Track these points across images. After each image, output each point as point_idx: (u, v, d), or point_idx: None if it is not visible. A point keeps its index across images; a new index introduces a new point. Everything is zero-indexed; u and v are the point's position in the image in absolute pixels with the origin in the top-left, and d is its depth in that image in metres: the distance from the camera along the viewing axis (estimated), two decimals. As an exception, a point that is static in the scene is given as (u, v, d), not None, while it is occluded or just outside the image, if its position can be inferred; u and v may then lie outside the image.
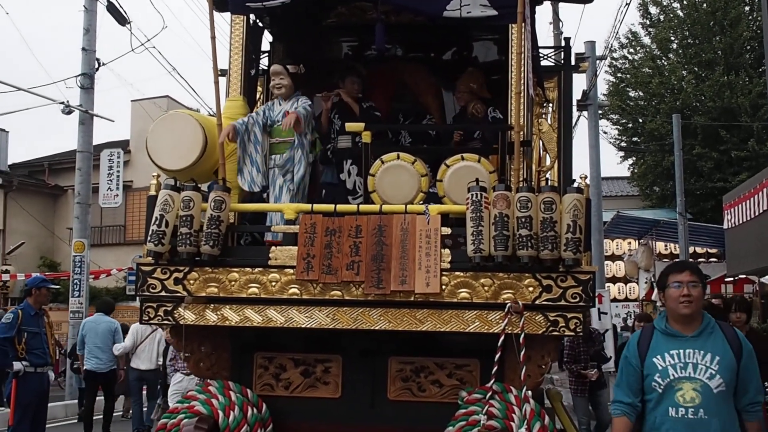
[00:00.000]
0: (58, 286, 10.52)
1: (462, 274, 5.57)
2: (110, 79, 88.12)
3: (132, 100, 32.20)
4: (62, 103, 18.48)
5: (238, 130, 6.47)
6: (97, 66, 18.58)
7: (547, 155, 7.73)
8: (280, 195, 6.61)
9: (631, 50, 33.61)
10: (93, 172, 18.90)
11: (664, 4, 32.49)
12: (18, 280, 25.20)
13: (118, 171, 21.18)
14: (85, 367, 13.30)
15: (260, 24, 7.47)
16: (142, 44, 18.72)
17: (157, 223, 5.78)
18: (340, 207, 6.01)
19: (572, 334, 5.58)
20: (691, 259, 23.00)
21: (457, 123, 7.69)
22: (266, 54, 8.01)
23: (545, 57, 8.33)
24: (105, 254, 30.35)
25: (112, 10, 18.13)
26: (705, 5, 30.22)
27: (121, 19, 18.26)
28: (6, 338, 9.55)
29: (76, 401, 16.80)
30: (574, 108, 17.23)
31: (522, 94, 6.04)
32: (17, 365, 9.59)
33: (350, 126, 6.69)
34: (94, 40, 18.51)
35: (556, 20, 21.94)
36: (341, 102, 7.42)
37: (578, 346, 11.63)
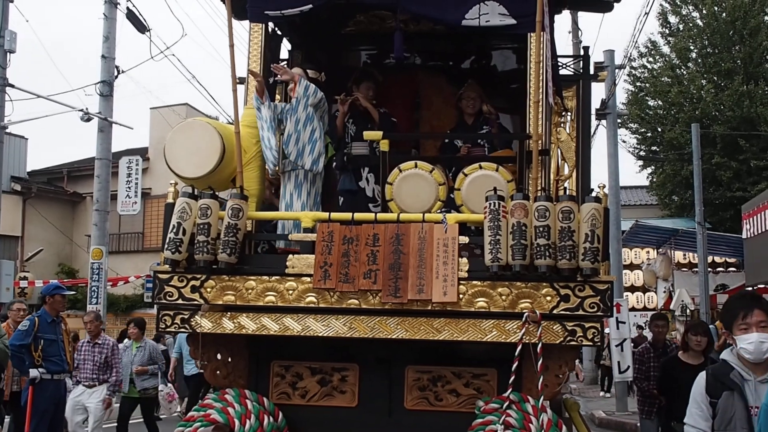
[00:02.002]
0: (73, 292, 10.52)
1: (479, 283, 5.56)
2: (129, 87, 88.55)
3: (151, 108, 32.29)
4: (81, 110, 18.54)
5: (267, 93, 6.47)
6: (116, 73, 18.65)
7: (566, 164, 7.70)
8: (291, 202, 6.57)
9: (651, 59, 33.48)
10: (112, 180, 18.96)
11: (684, 13, 32.38)
12: (36, 286, 25.31)
13: (137, 178, 21.25)
14: (185, 373, 15.06)
15: (279, 32, 7.48)
16: (162, 52, 18.84)
17: (174, 230, 5.79)
18: (358, 215, 6.00)
19: (590, 344, 5.56)
20: (709, 269, 22.85)
21: (463, 133, 7.65)
22: (285, 62, 8.02)
23: (564, 66, 8.31)
24: (123, 261, 30.46)
25: (132, 18, 18.21)
26: (724, 15, 30.09)
27: (141, 27, 18.35)
28: (22, 345, 9.57)
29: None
30: (593, 117, 17.21)
31: (540, 103, 6.03)
32: (34, 372, 9.60)
33: (368, 134, 6.68)
34: (114, 48, 18.58)
35: (575, 29, 21.92)
36: (356, 107, 7.39)
37: (648, 360, 9.71)
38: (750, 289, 16.98)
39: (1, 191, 19.43)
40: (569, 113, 7.90)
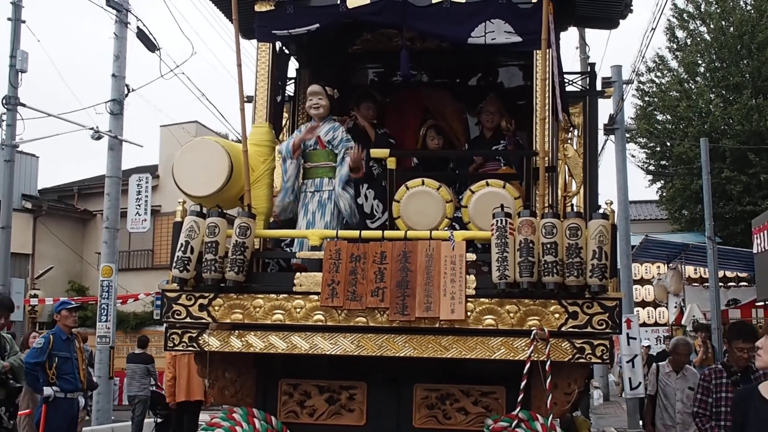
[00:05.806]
0: (74, 304, 10.38)
1: (487, 300, 5.55)
2: (139, 105, 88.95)
3: (161, 126, 32.28)
4: (92, 128, 18.58)
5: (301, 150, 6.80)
6: (126, 92, 18.67)
7: (573, 181, 7.69)
8: (314, 220, 6.60)
9: (659, 74, 33.51)
10: (122, 197, 18.97)
11: (691, 28, 32.40)
12: (46, 304, 25.34)
13: (147, 196, 21.24)
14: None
15: (286, 51, 7.51)
16: (172, 70, 18.90)
17: (182, 249, 5.81)
18: (365, 233, 6.01)
19: (599, 361, 5.53)
20: (720, 283, 22.75)
21: (477, 147, 7.68)
22: (292, 81, 8.06)
23: (570, 82, 8.31)
24: (133, 279, 30.45)
25: (142, 37, 18.28)
26: (732, 29, 30.08)
27: (151, 46, 18.42)
28: (37, 363, 9.54)
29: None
30: (601, 132, 17.19)
31: (547, 120, 6.04)
32: (47, 390, 9.57)
33: (375, 152, 6.69)
34: (124, 67, 18.63)
35: (583, 45, 21.91)
36: (356, 127, 7.43)
37: (719, 389, 6.71)
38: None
39: (12, 209, 19.48)
40: (576, 129, 7.89)
